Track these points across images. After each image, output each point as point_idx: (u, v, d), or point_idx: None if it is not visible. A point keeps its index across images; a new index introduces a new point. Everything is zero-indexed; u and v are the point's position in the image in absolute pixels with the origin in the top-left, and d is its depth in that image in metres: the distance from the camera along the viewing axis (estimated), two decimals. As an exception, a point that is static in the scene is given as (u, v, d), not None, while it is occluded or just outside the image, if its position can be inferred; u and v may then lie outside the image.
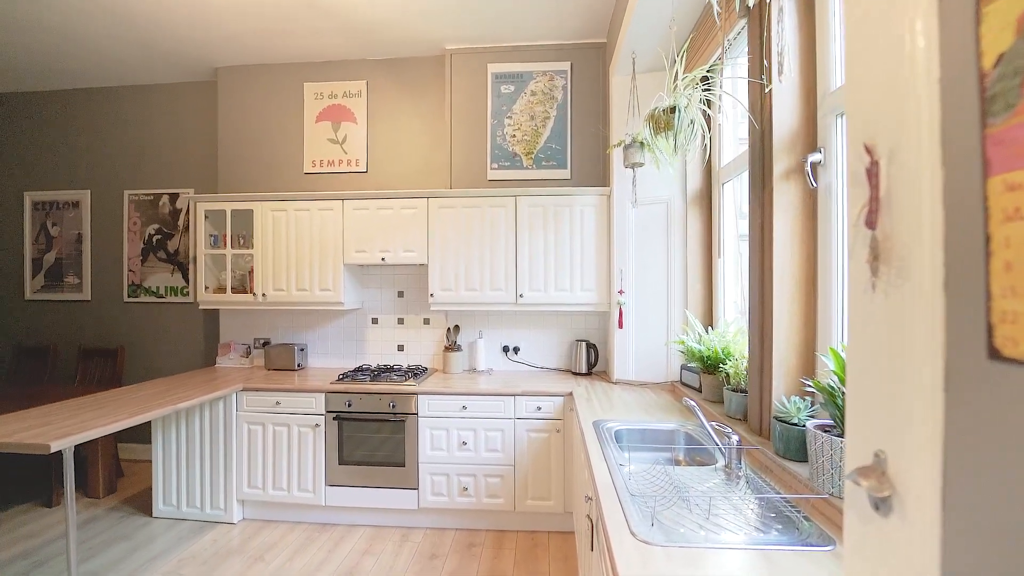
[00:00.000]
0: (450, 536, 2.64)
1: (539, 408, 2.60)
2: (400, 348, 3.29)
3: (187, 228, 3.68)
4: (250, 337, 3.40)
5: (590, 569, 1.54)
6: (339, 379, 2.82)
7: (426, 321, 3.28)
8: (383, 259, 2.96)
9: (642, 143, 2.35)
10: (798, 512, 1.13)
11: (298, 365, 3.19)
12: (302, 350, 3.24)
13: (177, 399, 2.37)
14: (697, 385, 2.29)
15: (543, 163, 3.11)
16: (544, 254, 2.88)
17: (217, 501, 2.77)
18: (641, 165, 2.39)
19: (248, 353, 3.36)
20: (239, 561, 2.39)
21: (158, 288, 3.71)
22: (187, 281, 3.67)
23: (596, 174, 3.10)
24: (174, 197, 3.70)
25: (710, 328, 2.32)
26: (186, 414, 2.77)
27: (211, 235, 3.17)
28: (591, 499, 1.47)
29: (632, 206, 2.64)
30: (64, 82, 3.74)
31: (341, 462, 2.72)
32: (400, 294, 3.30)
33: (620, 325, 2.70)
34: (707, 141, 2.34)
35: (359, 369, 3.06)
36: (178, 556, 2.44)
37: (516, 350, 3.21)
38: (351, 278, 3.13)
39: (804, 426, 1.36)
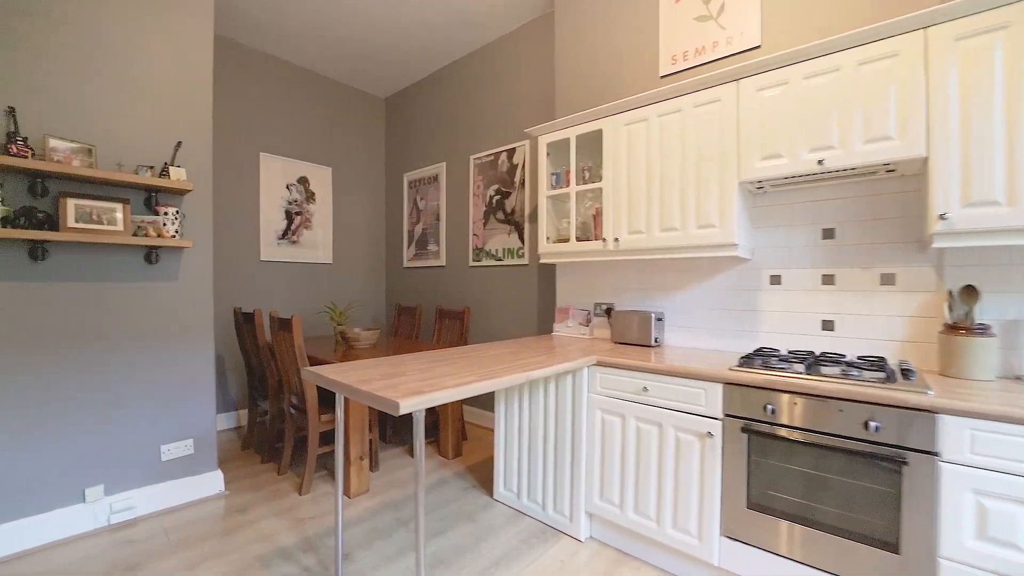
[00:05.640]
0: None
1: None
2: (827, 326, 1.94)
3: (523, 184, 3.35)
4: (589, 301, 2.72)
5: None
6: (741, 364, 1.71)
7: (886, 279, 1.81)
8: (820, 161, 1.69)
9: None
10: None
11: (655, 340, 2.28)
12: (659, 320, 2.31)
13: (526, 365, 1.75)
14: None
15: None
16: None
17: (561, 505, 2.11)
18: None
19: (588, 321, 2.68)
20: (602, 619, 1.59)
21: (496, 251, 3.54)
22: (522, 241, 3.35)
23: None
24: (511, 153, 3.44)
25: None
26: (529, 386, 2.23)
27: (552, 174, 2.61)
28: None
29: None
30: (425, 67, 4.03)
31: (751, 505, 1.60)
32: (828, 233, 1.94)
33: None
34: None
35: (769, 354, 1.88)
36: (519, 569, 1.84)
37: None
38: (743, 209, 1.98)
39: None
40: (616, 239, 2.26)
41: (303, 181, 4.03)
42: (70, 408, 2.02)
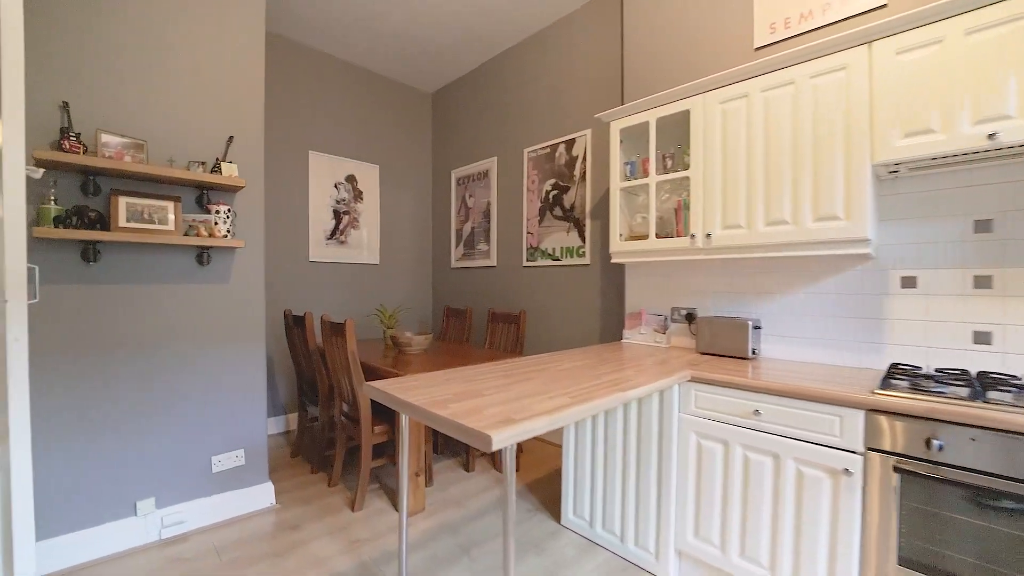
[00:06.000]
0: None
1: None
2: (981, 338, 1.59)
3: (583, 177, 3.10)
4: (665, 306, 2.43)
5: None
6: (883, 386, 1.40)
7: (1071, 282, 1.45)
8: (991, 135, 1.35)
9: None
10: None
11: (752, 351, 1.97)
12: (757, 328, 2.01)
13: (616, 382, 1.50)
14: None
15: None
16: None
17: (644, 539, 1.84)
18: None
19: (665, 327, 2.39)
20: None
21: (553, 250, 3.29)
22: (583, 239, 3.09)
23: None
24: (570, 144, 3.19)
25: None
26: (606, 402, 1.97)
27: (626, 164, 2.35)
28: None
29: None
30: (475, 58, 3.84)
31: (904, 561, 1.30)
32: (982, 226, 1.59)
33: None
34: None
35: (914, 373, 1.56)
36: (613, 623, 1.60)
37: None
38: (872, 196, 1.66)
39: None
40: (708, 235, 1.97)
41: (351, 179, 3.92)
42: (121, 415, 1.93)
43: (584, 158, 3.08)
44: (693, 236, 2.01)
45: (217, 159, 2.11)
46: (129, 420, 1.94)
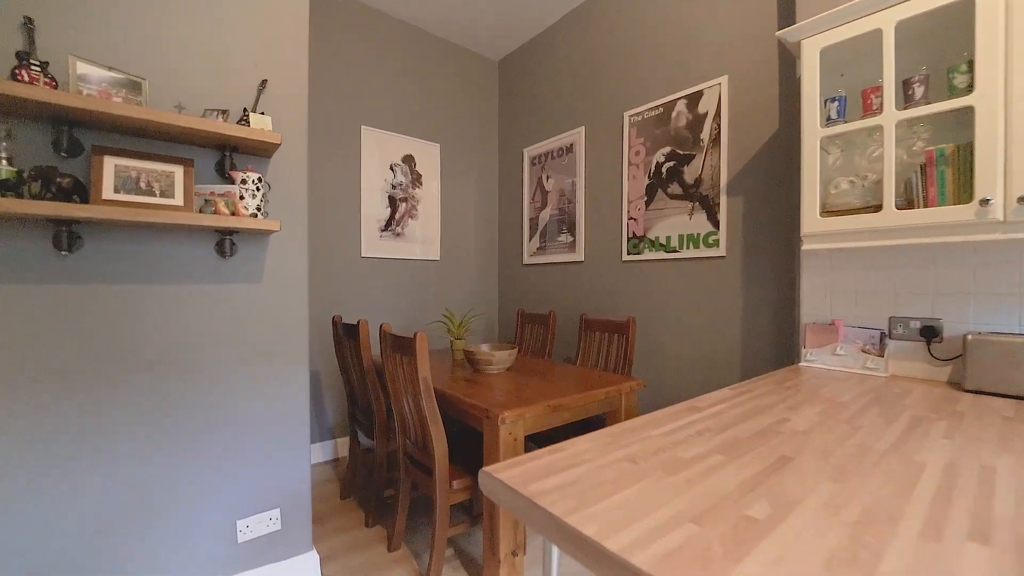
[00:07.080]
0: None
1: None
2: None
3: (715, 140, 2.33)
4: (876, 314, 1.63)
5: None
6: None
7: None
8: None
9: None
10: None
11: (1096, 397, 1.15)
12: (1102, 357, 1.19)
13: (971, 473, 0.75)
14: None
15: None
16: None
17: None
18: None
19: (880, 347, 1.59)
20: None
21: (667, 239, 2.54)
22: (715, 224, 2.32)
23: None
24: (694, 99, 2.43)
25: None
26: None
27: (830, 100, 1.57)
28: None
29: None
30: (552, 12, 3.14)
31: None
32: None
33: None
34: None
35: None
36: None
37: None
38: None
39: None
40: (1020, 199, 1.17)
41: (408, 160, 3.33)
42: (111, 468, 1.36)
43: (717, 115, 2.31)
44: (986, 202, 1.21)
45: (245, 109, 1.53)
46: (123, 474, 1.37)
